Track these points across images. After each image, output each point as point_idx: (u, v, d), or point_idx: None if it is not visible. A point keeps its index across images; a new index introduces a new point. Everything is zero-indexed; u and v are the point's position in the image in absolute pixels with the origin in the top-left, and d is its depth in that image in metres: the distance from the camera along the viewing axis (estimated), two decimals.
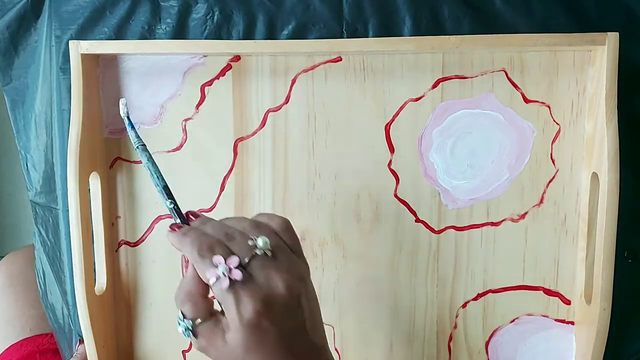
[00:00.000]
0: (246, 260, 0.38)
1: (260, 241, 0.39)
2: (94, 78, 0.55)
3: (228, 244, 0.39)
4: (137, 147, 0.45)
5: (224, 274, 0.37)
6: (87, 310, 0.54)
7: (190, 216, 0.44)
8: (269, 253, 0.39)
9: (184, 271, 0.40)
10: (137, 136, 0.46)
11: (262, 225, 0.42)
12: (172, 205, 0.44)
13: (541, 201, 0.53)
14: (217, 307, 0.41)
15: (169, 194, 0.44)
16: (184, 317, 0.40)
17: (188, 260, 0.41)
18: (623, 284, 0.51)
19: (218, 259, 0.38)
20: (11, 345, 0.70)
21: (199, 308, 0.40)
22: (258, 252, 0.39)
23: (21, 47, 0.60)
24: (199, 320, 0.39)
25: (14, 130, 0.62)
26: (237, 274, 0.37)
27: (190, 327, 0.39)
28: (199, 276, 0.40)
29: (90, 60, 0.54)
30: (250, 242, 0.39)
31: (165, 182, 0.45)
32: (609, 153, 0.48)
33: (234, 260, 0.38)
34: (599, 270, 0.49)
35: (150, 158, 0.45)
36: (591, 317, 0.50)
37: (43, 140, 0.60)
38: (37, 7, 0.58)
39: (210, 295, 0.40)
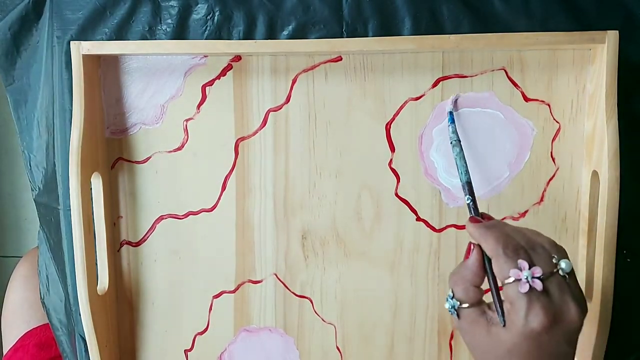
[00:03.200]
0: (545, 275, 0.39)
1: (564, 263, 0.39)
2: (95, 78, 0.55)
3: (531, 254, 0.40)
4: (452, 142, 0.51)
5: (527, 278, 0.38)
6: (90, 310, 0.54)
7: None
8: (567, 277, 0.39)
9: (466, 257, 0.43)
10: (455, 132, 0.51)
11: (560, 248, 0.42)
12: (469, 201, 0.46)
13: (541, 199, 0.54)
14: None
15: (470, 190, 0.47)
16: (453, 296, 0.41)
17: (472, 250, 0.42)
18: (624, 282, 0.51)
19: (523, 263, 0.38)
20: (31, 330, 0.71)
21: (469, 294, 0.41)
22: (560, 272, 0.39)
23: (23, 48, 0.60)
24: (466, 305, 0.41)
25: (17, 130, 0.62)
26: (539, 284, 0.38)
27: (456, 307, 0.41)
28: (479, 267, 0.41)
29: (91, 61, 0.54)
30: (553, 260, 0.40)
31: (470, 179, 0.48)
32: (609, 151, 0.48)
33: (537, 270, 0.38)
34: (599, 268, 0.49)
35: (460, 153, 0.49)
36: (592, 314, 0.51)
37: (45, 140, 0.60)
38: (38, 8, 0.58)
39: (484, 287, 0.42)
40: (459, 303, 0.41)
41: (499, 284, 0.39)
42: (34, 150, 0.61)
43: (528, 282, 0.38)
